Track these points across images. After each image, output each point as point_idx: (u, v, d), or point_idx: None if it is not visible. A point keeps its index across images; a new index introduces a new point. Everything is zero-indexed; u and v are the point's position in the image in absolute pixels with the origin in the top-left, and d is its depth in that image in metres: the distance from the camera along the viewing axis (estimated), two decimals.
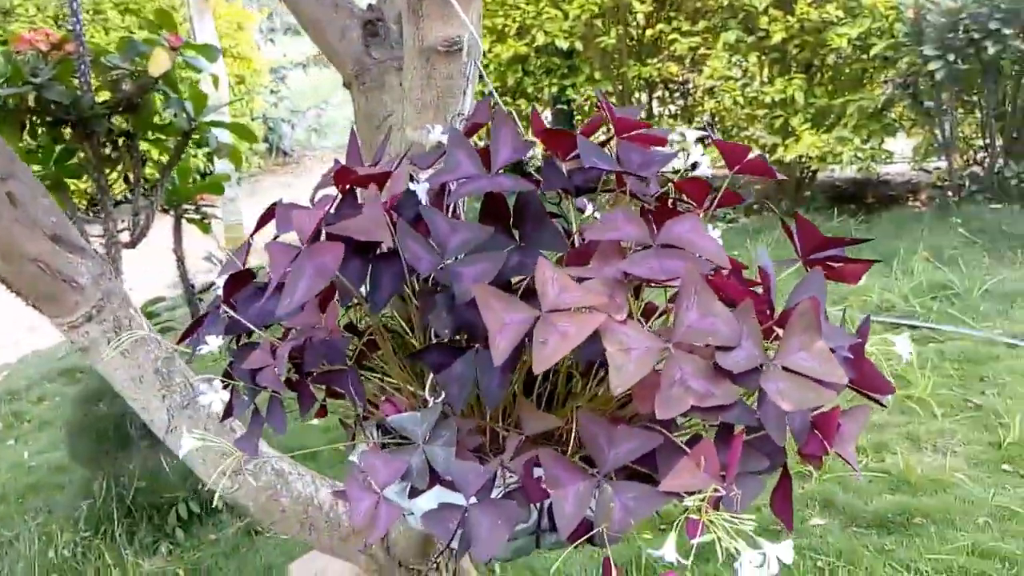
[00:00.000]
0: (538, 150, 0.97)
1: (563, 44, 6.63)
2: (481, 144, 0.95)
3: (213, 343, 0.90)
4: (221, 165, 5.43)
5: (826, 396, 0.74)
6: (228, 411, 0.97)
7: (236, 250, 1.00)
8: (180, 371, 1.38)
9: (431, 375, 0.91)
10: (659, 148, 0.91)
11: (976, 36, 5.27)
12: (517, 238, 0.88)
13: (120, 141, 3.22)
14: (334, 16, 1.48)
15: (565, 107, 7.18)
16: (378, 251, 0.87)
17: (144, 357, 1.34)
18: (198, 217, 3.70)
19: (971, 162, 6.18)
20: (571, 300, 0.75)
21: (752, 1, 6.17)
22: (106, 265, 1.31)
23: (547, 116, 7.24)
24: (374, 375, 1.00)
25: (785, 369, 0.76)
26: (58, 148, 3.00)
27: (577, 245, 0.90)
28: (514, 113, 1.05)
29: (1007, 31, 5.15)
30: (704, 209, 0.91)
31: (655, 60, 6.74)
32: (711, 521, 0.72)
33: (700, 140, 0.94)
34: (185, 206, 3.66)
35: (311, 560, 2.67)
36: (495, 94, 1.00)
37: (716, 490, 0.74)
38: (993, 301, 4.69)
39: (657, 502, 0.76)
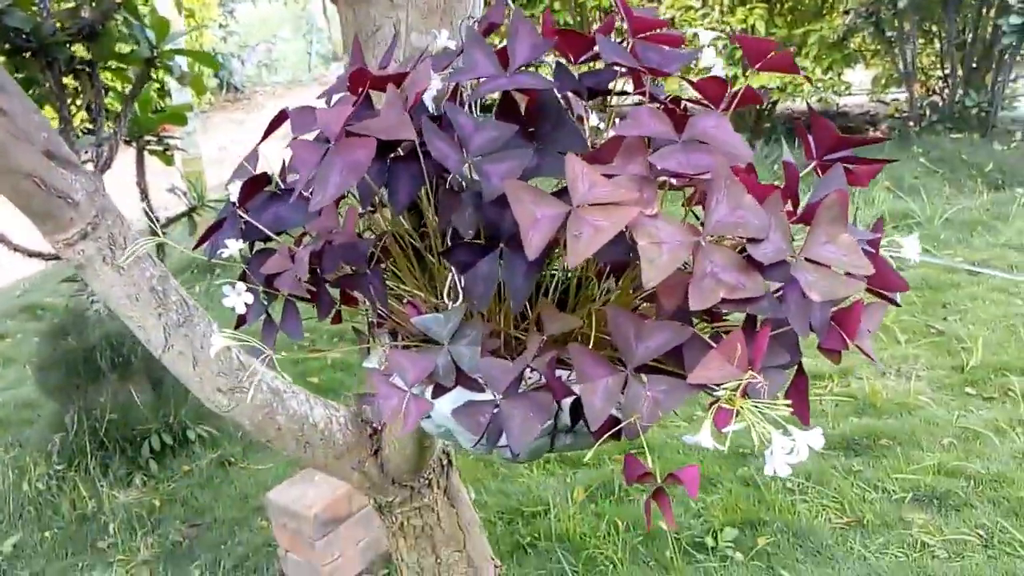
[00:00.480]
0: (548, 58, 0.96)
1: None
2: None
3: (233, 247, 0.89)
4: (178, 97, 5.31)
5: (853, 287, 0.76)
6: (242, 319, 0.97)
7: (248, 156, 0.98)
8: (174, 289, 1.36)
9: (448, 279, 0.91)
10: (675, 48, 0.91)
11: None
12: (534, 139, 0.88)
13: (81, 70, 3.13)
14: None
15: None
16: (397, 152, 0.86)
17: (139, 275, 1.32)
18: (160, 148, 3.63)
19: (931, 92, 6.23)
20: (601, 195, 0.75)
21: None
22: (99, 181, 1.29)
23: None
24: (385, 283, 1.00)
25: (811, 261, 0.77)
26: (18, 77, 2.91)
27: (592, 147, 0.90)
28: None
29: None
30: (723, 110, 0.91)
31: None
32: (743, 408, 0.74)
33: (714, 41, 0.94)
34: (147, 137, 3.58)
35: (287, 488, 2.69)
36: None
37: (745, 380, 0.75)
38: (953, 229, 4.79)
39: (686, 393, 0.77)
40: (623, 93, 0.96)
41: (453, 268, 0.85)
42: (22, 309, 5.29)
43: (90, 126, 3.26)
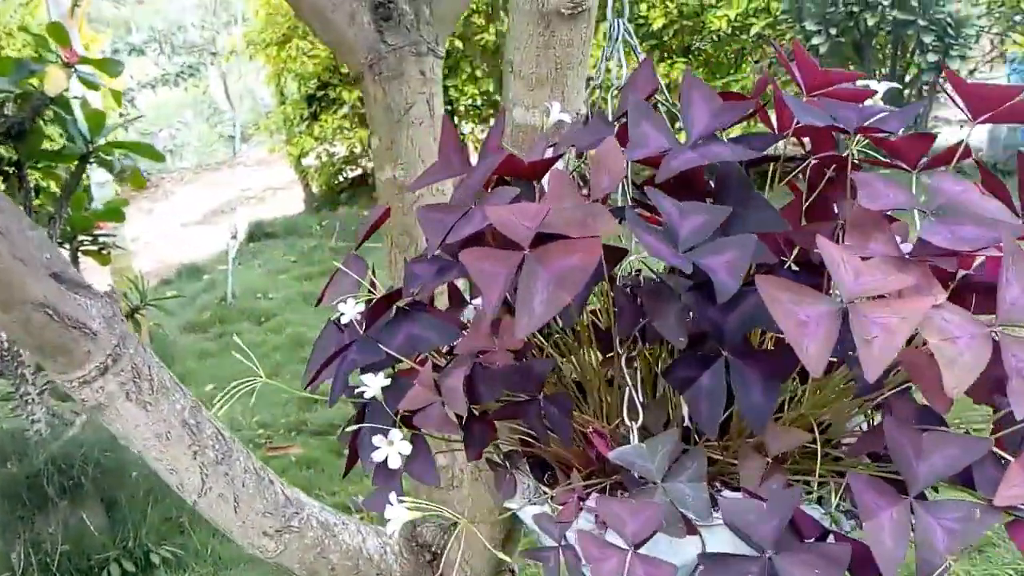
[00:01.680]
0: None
1: None
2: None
3: (374, 383, 0.71)
4: (97, 192, 5.01)
5: None
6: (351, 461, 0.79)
7: (346, 259, 0.81)
8: (208, 421, 1.16)
9: (626, 396, 0.75)
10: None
11: (855, 9, 5.42)
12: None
13: (9, 172, 2.88)
14: (339, 1, 1.29)
15: (448, 107, 7.03)
16: None
17: (169, 409, 1.11)
18: (95, 248, 3.38)
19: None
20: (873, 284, 0.61)
21: None
22: (116, 305, 1.09)
23: None
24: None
25: None
26: None
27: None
28: None
29: (884, 2, 5.31)
30: (919, 170, 0.78)
31: None
32: None
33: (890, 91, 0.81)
34: (81, 237, 3.33)
35: None
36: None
37: None
38: None
39: (990, 519, 0.62)
40: (792, 159, 0.83)
41: (671, 385, 0.69)
42: None
43: None
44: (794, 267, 0.81)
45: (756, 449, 0.72)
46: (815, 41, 5.50)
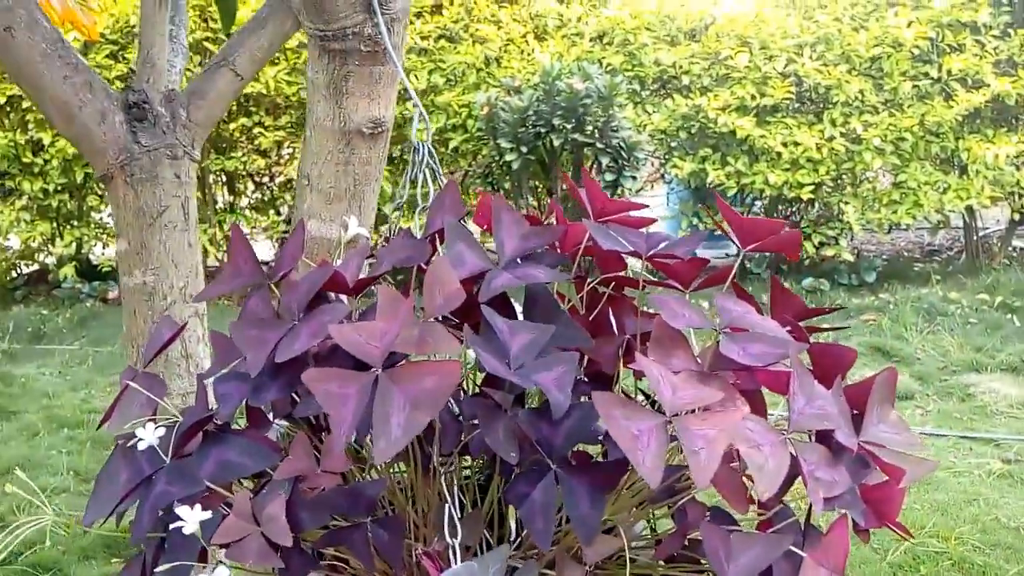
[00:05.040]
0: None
1: None
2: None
3: (192, 517, 0.66)
4: None
5: (925, 469, 0.74)
6: None
7: (133, 376, 0.75)
8: None
9: (446, 513, 0.75)
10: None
11: (542, 131, 5.88)
12: None
13: None
14: (88, 98, 1.22)
15: None
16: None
17: None
18: None
19: None
20: (689, 399, 0.67)
21: None
22: None
23: None
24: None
25: (869, 443, 0.74)
26: None
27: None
28: None
29: (567, 125, 5.82)
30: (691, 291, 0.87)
31: (240, 153, 6.55)
32: None
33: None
34: None
35: None
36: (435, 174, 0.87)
37: None
38: None
39: None
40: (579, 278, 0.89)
41: (510, 502, 0.70)
42: None
43: None
44: (584, 379, 0.86)
45: (574, 559, 0.75)
46: (508, 158, 5.88)
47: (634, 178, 6.23)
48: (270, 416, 0.82)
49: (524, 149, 5.94)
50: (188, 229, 1.29)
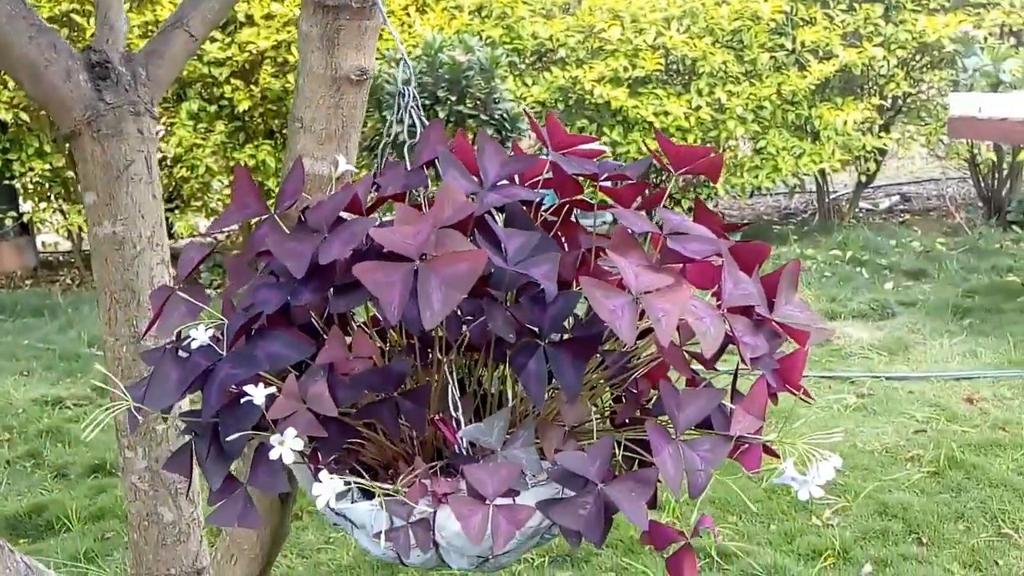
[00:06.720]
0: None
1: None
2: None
3: (258, 393, 0.80)
4: None
5: (823, 335, 0.94)
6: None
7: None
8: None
9: (451, 392, 0.91)
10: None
11: (427, 103, 6.00)
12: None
13: None
14: (54, 56, 1.31)
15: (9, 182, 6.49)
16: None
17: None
18: None
19: None
20: (650, 282, 0.85)
21: (212, 71, 6.22)
22: None
23: None
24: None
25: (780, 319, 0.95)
26: None
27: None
28: None
29: (452, 97, 5.96)
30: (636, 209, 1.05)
31: None
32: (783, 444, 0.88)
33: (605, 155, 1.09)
34: None
35: None
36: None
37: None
38: None
39: (725, 449, 0.89)
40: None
41: (513, 369, 0.87)
42: None
43: None
44: None
45: (554, 423, 0.92)
46: (395, 130, 5.99)
47: None
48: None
49: (409, 121, 6.05)
50: (152, 182, 1.39)
